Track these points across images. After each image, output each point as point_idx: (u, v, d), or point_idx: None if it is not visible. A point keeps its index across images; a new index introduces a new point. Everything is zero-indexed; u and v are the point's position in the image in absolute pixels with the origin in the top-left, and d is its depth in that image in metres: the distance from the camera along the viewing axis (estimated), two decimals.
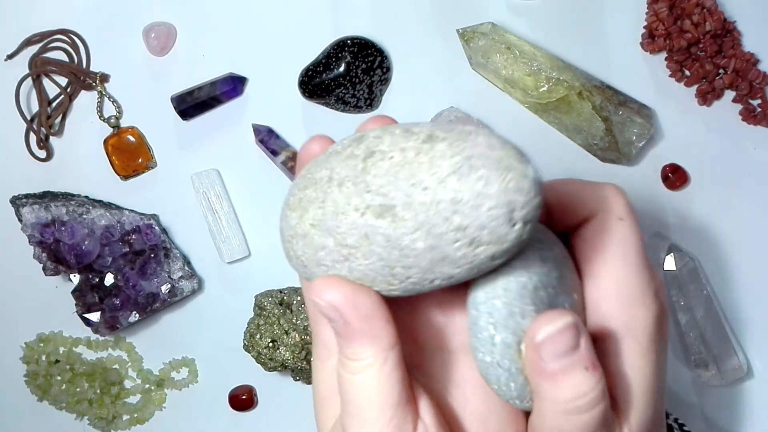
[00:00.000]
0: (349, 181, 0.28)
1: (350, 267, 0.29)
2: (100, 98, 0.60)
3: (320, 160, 0.30)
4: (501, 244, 0.27)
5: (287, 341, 0.56)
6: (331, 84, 0.57)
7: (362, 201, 0.28)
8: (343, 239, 0.28)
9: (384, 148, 0.28)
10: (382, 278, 0.29)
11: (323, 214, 0.29)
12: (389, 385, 0.30)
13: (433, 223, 0.27)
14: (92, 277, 0.57)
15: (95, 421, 0.60)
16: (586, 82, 0.55)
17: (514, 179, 0.26)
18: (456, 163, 0.27)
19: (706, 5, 0.55)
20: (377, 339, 0.30)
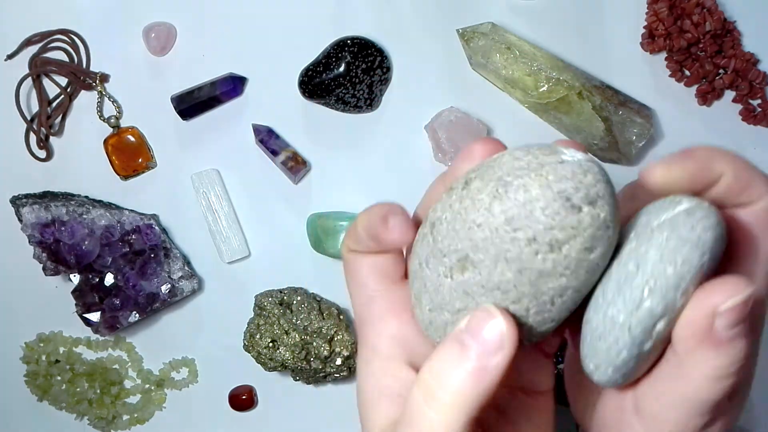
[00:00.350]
0: (430, 257, 0.31)
1: None
2: (100, 98, 0.60)
3: (412, 253, 0.33)
4: (583, 233, 0.27)
5: (287, 341, 0.56)
6: (331, 84, 0.57)
7: (444, 267, 0.30)
8: (454, 307, 0.30)
9: (439, 214, 0.31)
10: None
11: (431, 296, 0.31)
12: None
13: (504, 250, 0.28)
14: (92, 277, 0.57)
15: (95, 421, 0.60)
16: (586, 82, 0.55)
17: (551, 171, 0.27)
18: (492, 189, 0.28)
19: (706, 5, 0.55)
20: (475, 394, 0.28)
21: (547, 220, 0.27)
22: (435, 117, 0.57)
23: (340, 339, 0.56)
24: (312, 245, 0.58)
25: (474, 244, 0.29)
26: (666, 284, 0.27)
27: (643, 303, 0.28)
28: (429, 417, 0.29)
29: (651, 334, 0.28)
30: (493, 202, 0.28)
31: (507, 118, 0.58)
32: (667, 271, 0.27)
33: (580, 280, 0.29)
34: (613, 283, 0.29)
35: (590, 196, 0.28)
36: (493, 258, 0.29)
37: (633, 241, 0.29)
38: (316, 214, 0.58)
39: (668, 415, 0.30)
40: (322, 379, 0.58)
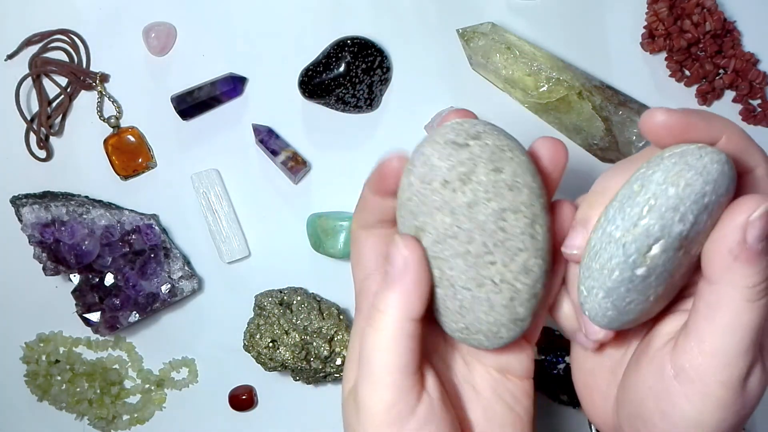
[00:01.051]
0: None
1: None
2: (100, 98, 0.60)
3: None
4: (481, 159, 0.32)
5: (287, 341, 0.56)
6: (331, 84, 0.57)
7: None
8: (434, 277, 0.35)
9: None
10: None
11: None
12: (400, 349, 0.34)
13: (431, 202, 0.33)
14: (92, 277, 0.57)
15: (95, 421, 0.60)
16: (586, 82, 0.55)
17: (436, 134, 0.34)
18: (406, 170, 0.34)
19: (706, 5, 0.55)
20: (404, 303, 0.34)
21: (445, 163, 0.32)
22: (435, 117, 0.57)
23: (340, 339, 0.56)
24: (312, 245, 0.58)
25: (414, 215, 0.34)
26: (666, 204, 0.29)
27: (641, 220, 0.29)
28: (371, 337, 0.34)
29: (645, 258, 0.30)
30: (409, 176, 0.33)
31: (507, 118, 0.58)
32: (669, 191, 0.29)
33: (510, 199, 0.32)
34: (617, 202, 0.31)
35: (472, 134, 0.33)
36: (429, 214, 0.33)
37: (643, 167, 0.31)
38: (316, 214, 0.58)
39: (712, 362, 0.30)
40: (322, 379, 0.58)
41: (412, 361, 0.35)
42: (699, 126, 0.31)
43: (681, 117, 0.31)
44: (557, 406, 0.58)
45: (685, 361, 0.31)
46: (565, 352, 0.56)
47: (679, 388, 0.31)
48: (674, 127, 0.31)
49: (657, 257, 0.30)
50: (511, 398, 0.39)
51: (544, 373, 0.56)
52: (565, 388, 0.56)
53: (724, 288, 0.30)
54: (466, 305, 0.34)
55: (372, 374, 0.35)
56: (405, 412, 0.34)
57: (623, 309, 0.32)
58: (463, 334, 0.36)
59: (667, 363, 0.32)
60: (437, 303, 0.35)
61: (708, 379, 0.31)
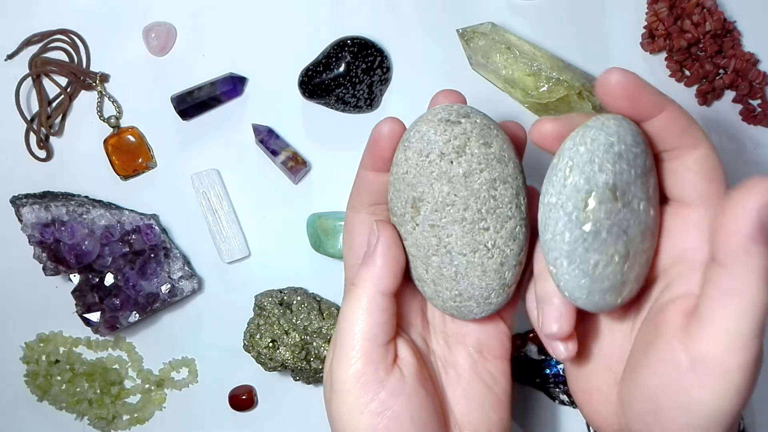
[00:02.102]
0: (400, 228, 0.39)
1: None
2: (100, 98, 0.60)
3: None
4: (472, 134, 0.36)
5: (287, 341, 0.56)
6: (331, 84, 0.57)
7: (409, 222, 0.38)
8: (432, 246, 0.37)
9: (389, 196, 0.39)
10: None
11: (421, 260, 0.38)
12: (371, 319, 0.37)
13: (429, 173, 0.36)
14: (92, 277, 0.57)
15: (95, 421, 0.60)
16: (586, 82, 0.55)
17: (430, 113, 0.38)
18: (401, 146, 0.38)
19: (706, 5, 0.55)
20: (376, 277, 0.37)
21: (441, 137, 0.36)
22: None
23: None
24: (312, 245, 0.58)
25: (411, 186, 0.37)
26: (581, 160, 0.33)
27: (567, 180, 0.33)
28: (345, 308, 0.37)
29: (586, 213, 0.32)
30: (406, 152, 0.37)
31: (507, 118, 0.58)
32: (580, 150, 0.33)
33: (499, 170, 0.37)
34: (546, 177, 0.34)
35: (462, 113, 0.37)
36: (427, 184, 0.36)
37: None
38: (316, 214, 0.58)
39: (730, 347, 0.30)
40: (321, 379, 0.58)
41: (381, 333, 0.37)
42: (640, 94, 0.33)
43: (635, 81, 0.33)
44: (557, 406, 0.58)
45: (700, 349, 0.31)
46: None
47: (696, 378, 0.31)
48: (629, 88, 0.33)
49: (597, 210, 0.32)
50: (490, 378, 0.41)
51: (544, 373, 0.56)
52: (564, 388, 0.56)
53: (740, 271, 0.30)
54: (461, 271, 0.37)
55: (343, 344, 0.37)
56: (374, 382, 0.36)
57: (594, 275, 0.33)
58: (456, 302, 0.38)
59: (680, 354, 0.32)
60: (432, 273, 0.38)
61: (727, 365, 0.31)
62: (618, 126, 0.33)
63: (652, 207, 0.34)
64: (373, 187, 0.40)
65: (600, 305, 0.34)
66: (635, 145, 0.33)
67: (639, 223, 0.34)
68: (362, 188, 0.40)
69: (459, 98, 0.40)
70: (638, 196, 0.33)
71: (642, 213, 0.34)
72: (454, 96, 0.39)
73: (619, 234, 0.33)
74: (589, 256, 0.33)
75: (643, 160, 0.33)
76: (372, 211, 0.41)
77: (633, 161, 0.33)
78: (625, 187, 0.33)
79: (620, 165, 0.33)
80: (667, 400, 0.32)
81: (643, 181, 0.33)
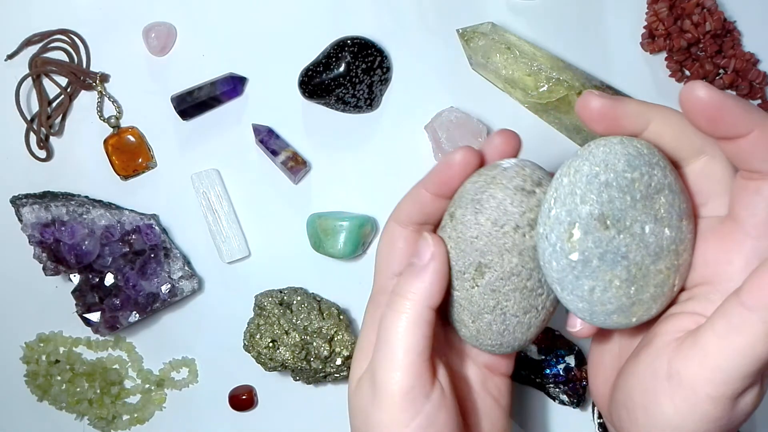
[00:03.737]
0: (453, 281, 0.39)
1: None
2: (100, 98, 0.60)
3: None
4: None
5: (287, 341, 0.56)
6: (331, 84, 0.57)
7: (468, 281, 0.38)
8: (489, 306, 0.38)
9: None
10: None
11: (468, 310, 0.39)
12: (418, 334, 0.37)
13: (502, 244, 0.36)
14: (92, 277, 0.57)
15: (95, 421, 0.60)
16: (586, 82, 0.55)
17: (502, 177, 0.37)
18: (472, 209, 0.37)
19: (706, 5, 0.55)
20: (426, 291, 0.37)
21: (517, 209, 0.35)
22: (435, 117, 0.57)
23: (340, 339, 0.56)
24: (312, 245, 0.58)
25: (480, 252, 0.36)
26: (563, 192, 0.33)
27: (551, 212, 0.33)
28: (393, 320, 0.37)
29: (572, 243, 0.32)
30: (477, 216, 0.36)
31: (507, 118, 0.58)
32: (563, 181, 0.33)
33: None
34: (540, 208, 0.34)
35: (535, 180, 0.36)
36: (497, 254, 0.36)
37: None
38: (316, 214, 0.58)
39: (710, 376, 0.30)
40: (322, 379, 0.58)
41: (426, 348, 0.37)
42: (730, 112, 0.31)
43: (718, 100, 0.31)
44: (557, 406, 0.58)
45: (682, 366, 0.31)
46: (565, 352, 0.56)
47: (668, 389, 0.31)
48: (706, 107, 0.31)
49: (582, 240, 0.32)
50: (497, 392, 0.43)
51: (544, 373, 0.56)
52: (564, 388, 0.56)
53: (756, 317, 0.29)
54: (509, 329, 0.38)
55: (392, 356, 0.37)
56: (421, 395, 0.36)
57: (592, 299, 0.33)
58: (494, 348, 0.39)
59: (664, 362, 0.32)
60: (478, 324, 0.38)
61: (699, 391, 0.31)
62: (607, 153, 0.32)
63: (666, 227, 0.33)
64: (428, 210, 0.40)
65: (609, 325, 0.34)
66: (630, 170, 0.32)
67: (645, 246, 0.33)
68: (416, 206, 0.40)
69: (516, 141, 0.39)
70: (641, 220, 0.33)
71: (650, 236, 0.33)
72: (513, 139, 0.38)
73: (617, 260, 0.33)
74: (582, 282, 0.33)
75: (646, 182, 0.33)
76: (418, 229, 0.40)
77: (628, 187, 0.32)
78: (619, 214, 0.32)
79: (608, 193, 0.32)
80: (638, 399, 0.33)
81: (646, 204, 0.33)
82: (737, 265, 0.33)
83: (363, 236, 0.57)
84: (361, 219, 0.57)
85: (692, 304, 0.34)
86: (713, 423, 0.31)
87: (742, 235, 0.33)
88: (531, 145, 0.57)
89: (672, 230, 0.34)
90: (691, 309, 0.34)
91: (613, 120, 0.33)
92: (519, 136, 0.39)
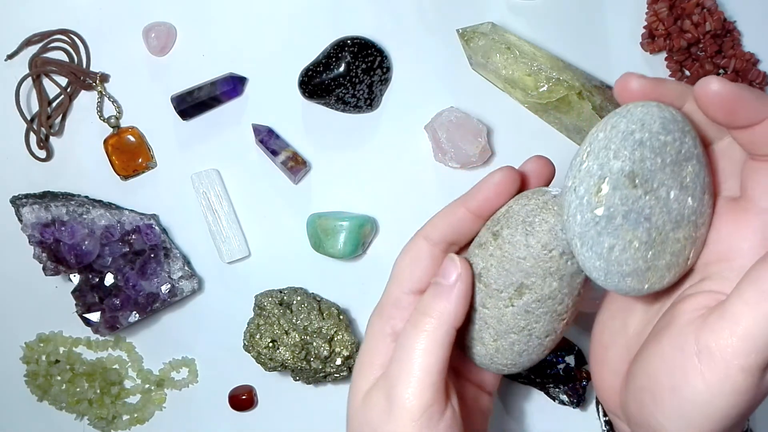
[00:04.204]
0: (486, 299, 0.39)
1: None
2: (100, 98, 0.60)
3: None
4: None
5: (287, 341, 0.56)
6: (331, 84, 0.57)
7: (504, 300, 0.38)
8: (519, 327, 0.39)
9: (482, 265, 0.39)
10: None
11: (494, 329, 0.39)
12: (440, 353, 0.37)
13: (547, 267, 0.37)
14: (92, 277, 0.57)
15: (95, 421, 0.60)
16: (586, 82, 0.55)
17: (554, 203, 0.37)
18: (522, 230, 0.37)
19: (706, 5, 0.55)
20: (452, 312, 0.38)
21: (566, 236, 0.35)
22: (435, 117, 0.57)
23: (340, 339, 0.56)
24: (312, 245, 0.58)
25: (525, 273, 0.37)
26: (598, 146, 0.33)
27: (582, 165, 0.33)
28: (416, 338, 0.37)
29: (599, 198, 0.33)
30: (528, 238, 0.37)
31: (507, 118, 0.58)
32: (599, 136, 0.33)
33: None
34: (570, 163, 0.34)
35: None
36: (541, 276, 0.37)
37: None
38: (316, 214, 0.58)
39: (741, 345, 0.31)
40: (322, 379, 0.58)
41: (445, 368, 0.38)
42: (746, 103, 0.32)
43: (734, 92, 0.32)
44: (557, 406, 0.58)
45: (712, 339, 0.31)
46: (565, 352, 0.56)
47: (698, 365, 0.31)
48: (725, 101, 0.32)
49: (610, 195, 0.33)
50: (485, 407, 0.45)
51: (544, 373, 0.56)
52: (564, 388, 0.56)
53: None
54: (529, 350, 0.39)
55: (414, 374, 0.37)
56: (438, 413, 0.37)
57: (610, 258, 0.34)
58: (505, 368, 0.40)
59: (690, 340, 0.32)
60: (499, 344, 0.39)
61: (731, 362, 0.31)
62: (644, 113, 0.33)
63: (690, 196, 0.34)
64: (463, 229, 0.40)
65: (622, 289, 0.35)
66: (664, 133, 0.33)
67: (668, 211, 0.34)
68: (451, 224, 0.40)
69: (552, 168, 0.40)
70: (668, 184, 0.33)
71: (674, 201, 0.34)
72: (548, 165, 0.40)
73: (639, 221, 0.33)
74: (603, 239, 0.33)
75: (677, 148, 0.33)
76: (446, 248, 0.40)
77: (660, 149, 0.33)
78: (649, 175, 0.33)
79: (641, 152, 0.32)
80: (665, 380, 0.33)
81: (674, 170, 0.33)
82: (752, 242, 0.33)
83: (363, 236, 0.57)
84: (361, 219, 0.57)
85: (708, 283, 0.35)
86: (743, 396, 0.31)
87: (756, 214, 0.33)
88: (531, 145, 0.57)
89: (695, 201, 0.34)
90: (708, 288, 0.34)
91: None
92: (553, 164, 0.40)
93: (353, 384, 0.41)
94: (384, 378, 0.38)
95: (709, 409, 0.31)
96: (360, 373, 0.41)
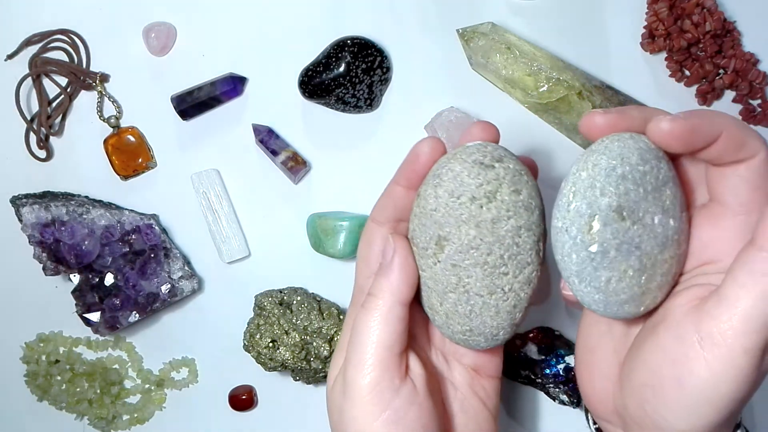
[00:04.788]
0: (420, 260, 0.40)
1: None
2: (100, 98, 0.60)
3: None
4: (505, 180, 0.37)
5: (287, 341, 0.56)
6: (331, 84, 0.57)
7: (430, 257, 0.39)
8: (451, 283, 0.38)
9: (411, 227, 0.40)
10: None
11: (437, 293, 0.39)
12: (388, 329, 0.38)
13: (459, 215, 0.37)
14: (92, 277, 0.57)
15: (95, 421, 0.60)
16: (586, 82, 0.55)
17: (463, 152, 0.38)
18: (432, 182, 0.38)
19: (706, 5, 0.55)
20: (395, 288, 0.38)
21: (474, 180, 0.36)
22: (435, 117, 0.57)
23: (340, 339, 0.56)
24: (312, 245, 0.58)
25: (438, 224, 0.37)
26: (583, 185, 0.34)
27: (570, 205, 0.34)
28: (364, 318, 0.38)
29: (591, 235, 0.34)
30: (437, 189, 0.37)
31: (507, 118, 0.58)
32: (582, 175, 0.34)
33: (525, 218, 0.37)
34: (555, 201, 0.35)
35: (496, 157, 0.37)
36: (455, 225, 0.37)
37: None
38: (316, 214, 0.58)
39: (742, 327, 0.31)
40: (322, 379, 0.58)
41: (398, 342, 0.38)
42: (703, 129, 0.33)
43: (684, 126, 0.33)
44: (557, 406, 0.58)
45: (712, 325, 0.32)
46: (565, 352, 0.56)
47: (701, 352, 0.32)
48: (678, 135, 0.34)
49: (602, 231, 0.34)
50: (484, 394, 0.43)
51: (544, 373, 0.56)
52: (564, 388, 0.56)
53: None
54: (476, 310, 0.38)
55: (360, 352, 0.38)
56: (389, 390, 0.37)
57: (608, 290, 0.34)
58: (465, 336, 0.39)
59: (690, 329, 0.33)
60: (446, 307, 0.39)
61: (733, 345, 0.31)
62: (622, 147, 0.34)
63: (671, 218, 0.35)
64: (401, 204, 0.41)
65: (620, 315, 0.36)
66: (642, 163, 0.34)
67: (655, 236, 0.35)
68: (390, 203, 0.41)
69: (494, 132, 0.40)
70: (651, 211, 0.34)
71: (658, 226, 0.35)
72: (490, 130, 0.40)
73: (631, 250, 0.34)
74: (600, 274, 0.34)
75: (655, 175, 0.34)
76: (394, 226, 0.41)
77: (641, 179, 0.34)
78: (634, 206, 0.34)
79: (625, 186, 0.34)
80: (667, 372, 0.33)
81: (656, 196, 0.34)
82: (733, 242, 0.34)
83: None
84: (361, 219, 0.57)
85: (699, 278, 0.36)
86: (746, 379, 0.32)
87: (731, 214, 0.35)
88: (531, 145, 0.57)
89: (675, 221, 0.35)
90: (699, 282, 0.35)
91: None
92: (496, 128, 0.40)
93: (328, 373, 0.42)
94: (344, 362, 0.40)
95: (714, 396, 0.32)
96: (333, 362, 0.42)
